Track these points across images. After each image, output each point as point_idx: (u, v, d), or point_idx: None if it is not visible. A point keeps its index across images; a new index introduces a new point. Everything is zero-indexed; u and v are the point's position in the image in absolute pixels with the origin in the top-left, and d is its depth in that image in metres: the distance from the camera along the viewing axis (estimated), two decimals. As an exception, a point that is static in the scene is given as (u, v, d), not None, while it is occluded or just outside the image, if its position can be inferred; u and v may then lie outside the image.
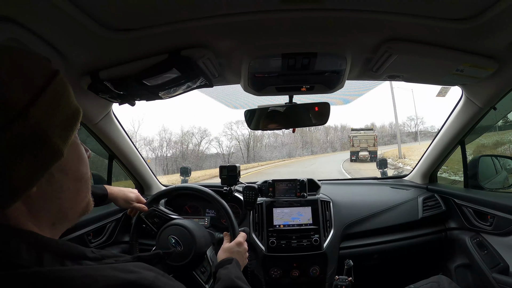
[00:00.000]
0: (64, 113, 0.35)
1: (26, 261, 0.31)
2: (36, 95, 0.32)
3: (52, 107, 0.33)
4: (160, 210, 1.12)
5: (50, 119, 0.33)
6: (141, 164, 1.50)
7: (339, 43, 0.80)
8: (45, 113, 0.32)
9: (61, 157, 0.35)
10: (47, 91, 0.33)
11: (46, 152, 0.33)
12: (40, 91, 0.32)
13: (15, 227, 0.33)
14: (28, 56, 0.34)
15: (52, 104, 0.33)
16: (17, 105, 0.30)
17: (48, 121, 0.33)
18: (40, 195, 0.35)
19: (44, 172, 0.33)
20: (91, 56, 0.77)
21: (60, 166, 0.36)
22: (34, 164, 0.32)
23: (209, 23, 0.68)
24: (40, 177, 0.33)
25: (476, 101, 1.13)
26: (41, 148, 0.32)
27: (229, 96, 1.34)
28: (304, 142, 36.50)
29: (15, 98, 0.30)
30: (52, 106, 0.34)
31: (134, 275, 0.33)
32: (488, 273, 1.12)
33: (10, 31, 0.58)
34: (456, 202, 1.36)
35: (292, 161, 27.66)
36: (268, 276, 1.28)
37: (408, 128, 41.29)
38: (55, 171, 0.35)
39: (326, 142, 37.33)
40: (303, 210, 1.33)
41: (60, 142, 0.34)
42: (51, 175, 0.35)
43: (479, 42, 0.78)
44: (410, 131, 40.46)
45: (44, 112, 0.32)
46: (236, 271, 0.79)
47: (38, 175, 0.33)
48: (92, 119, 1.12)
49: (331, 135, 38.60)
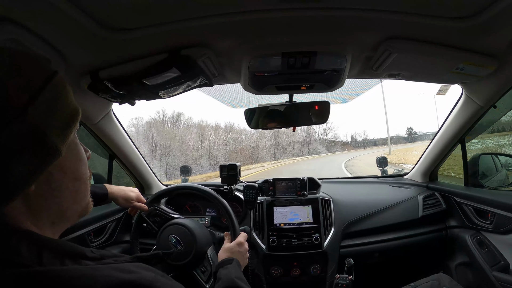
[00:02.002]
0: (62, 112, 0.36)
1: (26, 260, 0.31)
2: (34, 95, 0.32)
3: (50, 107, 0.34)
4: (161, 209, 1.12)
5: (48, 119, 0.33)
6: (141, 163, 1.50)
7: (339, 42, 0.80)
8: (43, 112, 0.33)
9: (60, 156, 0.35)
10: (45, 91, 0.33)
11: (45, 151, 0.33)
12: (38, 91, 0.33)
13: (14, 225, 0.34)
14: (27, 57, 0.35)
15: (50, 103, 0.34)
16: (16, 105, 0.30)
17: (47, 121, 0.33)
18: (39, 194, 0.35)
19: (43, 171, 0.34)
20: (91, 55, 0.77)
21: (59, 165, 0.36)
22: (32, 163, 0.32)
23: (209, 22, 0.68)
24: (39, 176, 0.33)
25: (476, 99, 1.13)
26: (39, 147, 0.32)
27: (229, 95, 1.34)
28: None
29: (13, 98, 0.30)
30: (51, 106, 0.34)
31: (134, 275, 0.33)
32: (488, 271, 1.12)
33: (10, 31, 0.58)
34: (457, 201, 1.36)
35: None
36: (269, 275, 1.28)
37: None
38: (54, 170, 0.36)
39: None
40: (304, 209, 1.33)
41: (58, 141, 0.34)
42: (50, 174, 0.35)
43: (479, 41, 0.78)
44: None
45: (43, 111, 0.33)
46: (236, 271, 0.79)
47: (36, 174, 0.33)
48: (92, 118, 1.12)
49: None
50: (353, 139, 46.12)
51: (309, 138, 39.01)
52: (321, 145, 39.86)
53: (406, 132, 48.35)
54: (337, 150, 39.89)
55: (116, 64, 0.82)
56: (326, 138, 41.86)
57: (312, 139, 39.80)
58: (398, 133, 49.25)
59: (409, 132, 47.18)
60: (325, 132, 41.07)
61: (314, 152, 37.44)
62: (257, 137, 33.30)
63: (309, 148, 38.44)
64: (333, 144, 41.49)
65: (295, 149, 36.98)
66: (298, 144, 37.54)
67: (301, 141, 38.37)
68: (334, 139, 42.41)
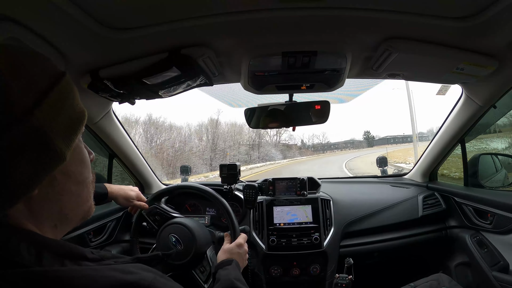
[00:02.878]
0: (68, 116, 0.35)
1: (26, 260, 0.31)
2: (39, 97, 0.31)
3: (55, 110, 0.33)
4: (162, 207, 1.12)
5: (53, 122, 0.32)
6: (141, 163, 1.50)
7: (339, 41, 0.80)
8: (48, 116, 0.32)
9: (64, 161, 0.34)
10: (51, 93, 0.32)
11: (49, 155, 0.32)
12: (43, 94, 0.32)
13: (15, 226, 0.33)
14: (33, 57, 0.34)
15: (55, 107, 0.33)
16: (19, 108, 0.30)
17: (51, 124, 0.32)
18: (42, 197, 0.35)
19: (46, 175, 0.33)
20: (91, 54, 0.77)
21: (63, 169, 0.35)
22: (36, 167, 0.31)
23: (209, 22, 0.68)
24: (42, 180, 0.33)
25: (476, 99, 1.13)
26: (43, 151, 0.32)
27: (229, 94, 1.34)
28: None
29: (17, 100, 0.29)
30: (56, 109, 0.33)
31: (133, 276, 0.33)
32: (488, 271, 1.12)
33: (10, 30, 0.58)
34: (456, 201, 1.36)
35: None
36: (269, 274, 1.28)
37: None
38: (58, 174, 0.35)
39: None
40: (303, 208, 1.33)
41: (63, 146, 0.34)
42: (54, 177, 0.35)
43: (479, 41, 0.78)
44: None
45: (47, 115, 0.32)
46: (235, 273, 0.79)
47: (40, 178, 0.32)
48: (92, 118, 1.12)
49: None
50: (306, 143, 42.96)
51: (259, 140, 33.11)
52: (274, 148, 34.14)
53: (363, 136, 47.99)
54: (294, 156, 34.71)
55: (116, 63, 0.82)
56: (279, 141, 35.91)
57: (264, 141, 33.52)
58: (354, 137, 49.13)
59: (366, 136, 46.78)
60: (278, 133, 34.84)
61: (267, 158, 30.77)
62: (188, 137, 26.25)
63: (259, 152, 32.30)
64: (288, 149, 36.64)
65: (240, 153, 30.51)
66: (245, 146, 31.69)
67: (249, 143, 32.09)
68: (287, 142, 37.13)
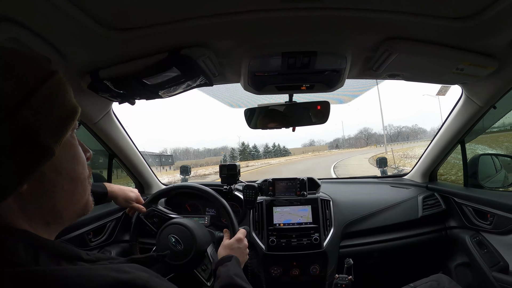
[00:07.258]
0: (58, 112, 0.35)
1: (23, 260, 0.31)
2: (27, 94, 0.32)
3: (44, 107, 0.33)
4: (159, 209, 1.12)
5: (42, 118, 0.33)
6: (141, 163, 1.50)
7: (339, 42, 0.80)
8: (36, 112, 0.32)
9: (52, 156, 0.35)
10: (40, 90, 0.33)
11: (36, 151, 0.33)
12: (32, 91, 0.32)
13: (9, 225, 0.34)
14: (23, 56, 0.34)
15: (45, 103, 0.33)
16: (8, 104, 0.30)
17: (40, 120, 0.33)
18: (32, 194, 0.35)
19: (35, 171, 0.33)
20: (91, 55, 0.77)
21: (53, 165, 0.36)
22: (24, 162, 0.32)
23: (209, 22, 0.68)
24: (31, 176, 0.33)
25: (476, 100, 1.13)
26: (31, 146, 0.32)
27: (229, 94, 1.34)
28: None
29: (5, 97, 0.30)
30: (45, 106, 0.33)
31: (129, 275, 0.34)
32: (488, 271, 1.12)
33: (10, 30, 0.58)
34: (456, 201, 1.36)
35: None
36: (268, 274, 1.28)
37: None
38: (47, 170, 0.35)
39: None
40: (303, 208, 1.33)
41: (51, 141, 0.34)
42: (43, 174, 0.35)
43: (479, 41, 0.78)
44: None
45: (36, 111, 0.32)
46: (235, 269, 0.79)
47: (28, 174, 0.33)
48: (92, 118, 1.12)
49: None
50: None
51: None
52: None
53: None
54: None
55: (116, 63, 0.82)
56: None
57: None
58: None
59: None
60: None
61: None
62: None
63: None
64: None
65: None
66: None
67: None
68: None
